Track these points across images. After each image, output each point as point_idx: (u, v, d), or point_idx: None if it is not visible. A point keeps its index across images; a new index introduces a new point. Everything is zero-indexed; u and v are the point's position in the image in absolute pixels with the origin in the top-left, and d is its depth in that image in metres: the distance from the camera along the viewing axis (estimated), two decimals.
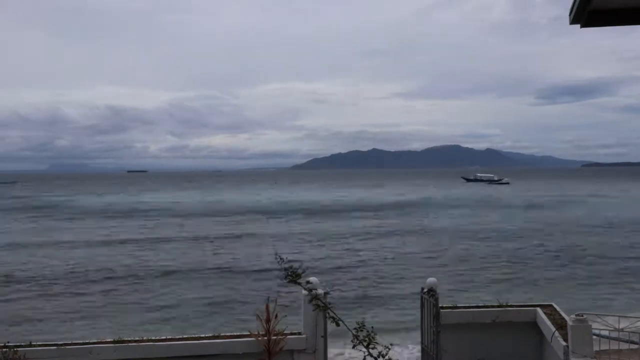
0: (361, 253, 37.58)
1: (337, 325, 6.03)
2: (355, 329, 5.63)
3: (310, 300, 5.71)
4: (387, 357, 5.39)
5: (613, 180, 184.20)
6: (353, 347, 5.50)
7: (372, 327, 5.27)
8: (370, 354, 5.23)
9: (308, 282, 5.65)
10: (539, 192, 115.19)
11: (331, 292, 8.65)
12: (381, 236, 46.84)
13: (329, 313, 6.16)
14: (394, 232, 49.60)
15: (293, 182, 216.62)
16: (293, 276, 5.89)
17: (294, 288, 8.65)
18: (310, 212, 72.09)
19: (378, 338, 5.61)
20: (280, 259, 5.86)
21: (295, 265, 5.97)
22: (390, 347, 5.46)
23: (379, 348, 5.34)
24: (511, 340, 9.61)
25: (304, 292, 8.44)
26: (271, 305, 8.22)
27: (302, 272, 5.95)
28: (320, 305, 5.76)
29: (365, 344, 5.27)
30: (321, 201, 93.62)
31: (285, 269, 5.83)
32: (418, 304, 9.72)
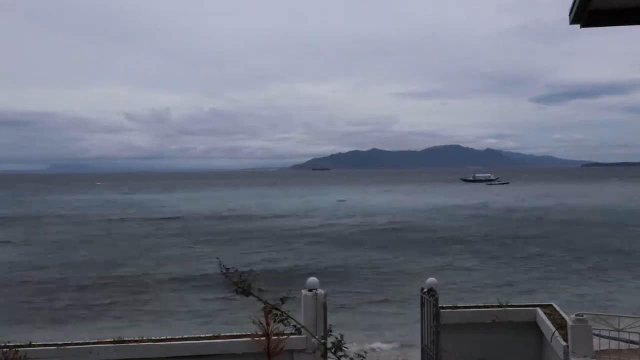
0: None
1: (300, 332, 5.50)
2: (321, 336, 5.27)
3: (269, 312, 5.03)
4: None
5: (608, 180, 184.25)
6: (321, 355, 5.18)
7: (342, 334, 4.97)
8: None
9: (260, 290, 4.93)
10: (537, 193, 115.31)
11: (326, 294, 8.57)
12: None
13: (289, 322, 5.40)
14: None
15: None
16: (244, 288, 4.95)
17: (295, 288, 8.65)
18: None
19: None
20: (226, 269, 4.92)
21: (245, 273, 5.14)
22: (364, 354, 5.19)
23: (351, 355, 5.04)
24: (511, 340, 9.60)
25: (304, 291, 8.43)
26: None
27: (254, 279, 5.13)
28: (278, 314, 5.09)
29: (333, 350, 4.98)
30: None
31: (235, 283, 4.97)
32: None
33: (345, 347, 4.90)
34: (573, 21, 4.49)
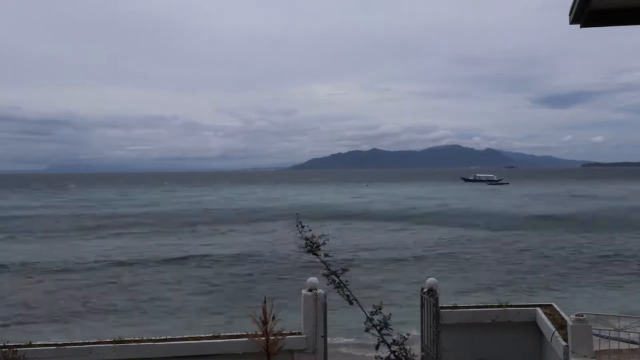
0: None
1: (351, 303, 5.72)
2: (370, 312, 5.38)
3: (327, 275, 5.38)
4: (402, 346, 5.13)
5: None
6: (366, 330, 5.26)
7: (390, 313, 5.00)
8: (384, 341, 5.00)
9: (327, 255, 5.32)
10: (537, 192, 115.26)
11: (326, 294, 8.52)
12: None
13: (344, 291, 5.83)
14: None
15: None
16: (312, 247, 5.49)
17: (294, 288, 8.64)
18: None
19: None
20: (302, 225, 5.44)
21: (317, 235, 5.60)
22: (407, 336, 5.23)
23: (394, 336, 5.09)
24: (511, 340, 9.60)
25: (304, 291, 8.42)
26: (268, 305, 8.20)
27: (324, 243, 5.55)
28: (336, 281, 5.42)
29: (378, 328, 5.03)
30: None
31: (306, 239, 5.45)
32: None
33: (390, 328, 4.92)
34: (573, 21, 4.49)
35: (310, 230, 5.41)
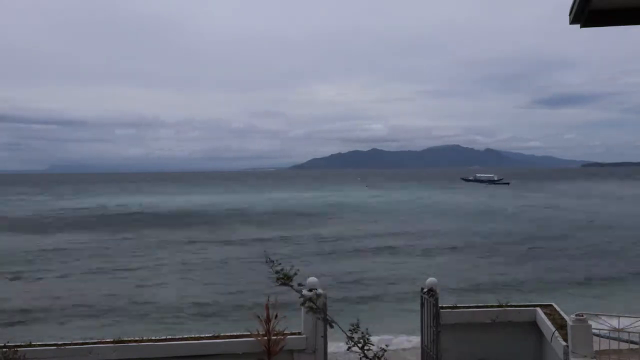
0: None
1: (331, 327, 5.89)
2: (349, 330, 5.55)
3: (303, 303, 5.56)
4: (383, 359, 5.30)
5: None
6: (348, 349, 5.42)
7: (367, 328, 5.21)
8: (365, 356, 5.16)
9: (300, 285, 5.48)
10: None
11: (326, 294, 8.58)
12: None
13: (322, 315, 6.05)
14: None
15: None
16: (284, 278, 5.71)
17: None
18: None
19: (373, 339, 5.55)
20: (270, 261, 5.66)
21: (287, 267, 5.82)
22: (386, 348, 5.39)
23: (374, 349, 5.26)
24: (511, 340, 9.60)
25: (304, 291, 8.41)
26: (271, 305, 8.20)
27: (294, 274, 5.79)
28: (313, 307, 5.61)
29: (360, 345, 5.19)
30: None
31: (277, 272, 5.67)
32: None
33: (371, 344, 5.06)
34: (573, 21, 4.48)
35: (280, 263, 5.72)
